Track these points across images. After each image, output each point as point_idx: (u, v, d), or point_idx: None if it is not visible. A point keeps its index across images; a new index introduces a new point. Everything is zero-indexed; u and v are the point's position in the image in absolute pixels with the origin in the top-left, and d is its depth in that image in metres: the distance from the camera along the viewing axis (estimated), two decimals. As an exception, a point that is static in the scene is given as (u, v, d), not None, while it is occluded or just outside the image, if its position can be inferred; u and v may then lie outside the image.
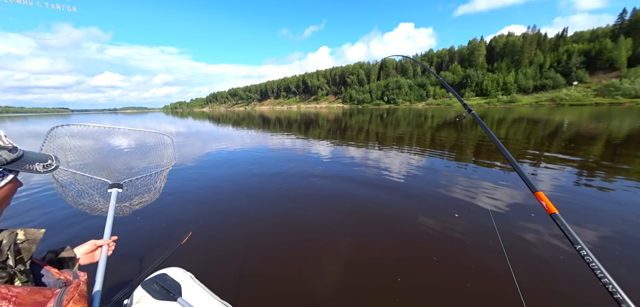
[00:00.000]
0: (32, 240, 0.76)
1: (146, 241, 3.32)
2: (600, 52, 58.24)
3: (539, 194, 1.13)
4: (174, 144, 2.45)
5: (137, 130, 2.30)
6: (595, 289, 2.20)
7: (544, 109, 40.07)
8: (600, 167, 6.16)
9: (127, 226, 3.71)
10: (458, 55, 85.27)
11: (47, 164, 0.80)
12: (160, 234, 3.49)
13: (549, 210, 1.04)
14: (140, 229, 3.68)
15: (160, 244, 3.18)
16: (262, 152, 9.05)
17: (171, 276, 1.59)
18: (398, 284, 2.38)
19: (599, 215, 3.64)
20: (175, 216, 4.05)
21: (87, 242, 1.10)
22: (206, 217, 3.89)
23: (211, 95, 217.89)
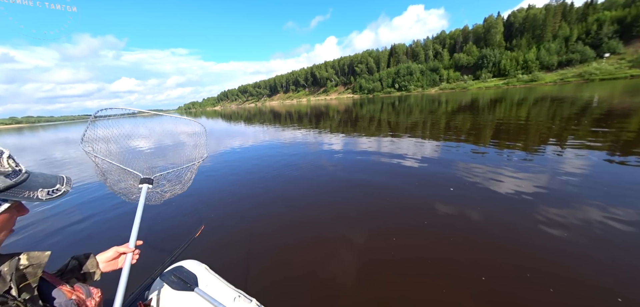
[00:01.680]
0: (37, 265, 0.72)
1: (161, 235, 3.50)
2: (638, 17, 52.61)
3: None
4: (206, 133, 2.42)
5: (172, 117, 2.44)
6: (629, 276, 2.06)
7: (570, 86, 37.41)
8: (635, 145, 5.70)
9: (143, 220, 3.92)
10: (473, 34, 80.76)
11: (53, 189, 0.73)
12: (174, 228, 3.66)
13: None
14: (155, 224, 3.89)
15: (175, 237, 3.32)
16: (274, 146, 9.15)
17: (187, 268, 1.71)
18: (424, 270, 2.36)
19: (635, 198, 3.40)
20: (187, 210, 4.21)
21: (110, 249, 1.08)
22: (217, 211, 4.04)
23: (222, 94, 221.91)
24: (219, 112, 71.58)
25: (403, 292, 2.18)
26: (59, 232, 3.92)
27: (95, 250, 1.10)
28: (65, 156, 12.09)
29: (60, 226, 4.13)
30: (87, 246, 3.50)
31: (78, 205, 4.97)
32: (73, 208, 4.83)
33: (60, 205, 5.04)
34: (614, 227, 2.79)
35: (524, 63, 63.99)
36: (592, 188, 3.74)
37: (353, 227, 3.24)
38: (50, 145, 16.50)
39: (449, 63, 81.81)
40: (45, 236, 3.83)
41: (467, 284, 2.19)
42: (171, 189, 2.02)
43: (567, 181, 4.06)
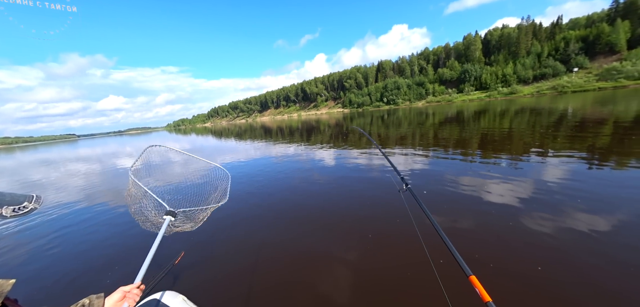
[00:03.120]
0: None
1: (137, 262, 3.27)
2: (598, 36, 57.75)
3: (472, 278, 1.08)
4: (230, 179, 2.60)
5: (199, 160, 2.65)
6: (619, 278, 2.12)
7: (546, 98, 39.70)
8: (610, 152, 6.04)
9: (116, 246, 3.72)
10: (454, 51, 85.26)
11: (19, 207, 0.74)
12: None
13: (484, 298, 1.01)
14: (130, 249, 3.69)
15: (151, 264, 3.12)
16: (263, 164, 9.06)
17: (163, 301, 1.61)
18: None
19: (611, 203, 3.55)
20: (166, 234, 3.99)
21: (117, 291, 1.05)
22: (199, 236, 3.74)
23: (212, 110, 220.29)
24: (209, 128, 70.74)
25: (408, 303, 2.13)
26: (35, 257, 3.65)
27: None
28: (43, 177, 11.46)
29: (32, 248, 3.84)
30: (57, 269, 3.25)
31: (52, 228, 4.67)
32: (45, 232, 4.52)
33: (35, 227, 4.73)
34: (591, 229, 2.89)
35: (503, 77, 67.73)
36: (572, 193, 3.89)
37: (346, 249, 3.18)
38: (28, 168, 15.64)
39: (433, 77, 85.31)
40: (23, 261, 3.55)
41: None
42: (182, 224, 2.11)
43: (550, 188, 4.21)
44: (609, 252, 2.53)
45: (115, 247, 3.80)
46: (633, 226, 2.92)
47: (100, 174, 10.76)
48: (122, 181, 8.63)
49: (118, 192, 7.04)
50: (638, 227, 2.90)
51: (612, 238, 2.75)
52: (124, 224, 4.64)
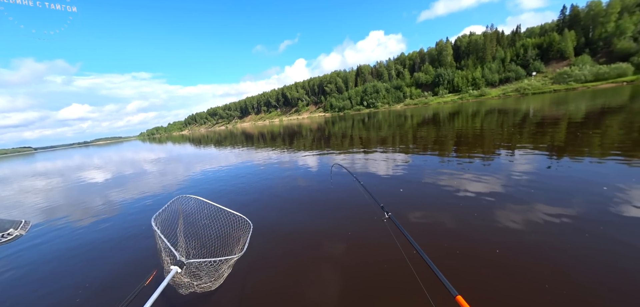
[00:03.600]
0: None
1: (103, 281, 3.07)
2: (551, 44, 64.26)
3: (459, 299, 1.09)
4: (251, 229, 2.58)
5: (223, 210, 2.62)
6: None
7: (511, 99, 43.07)
8: (565, 148, 6.68)
9: (82, 266, 3.46)
10: (428, 56, 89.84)
11: (4, 233, 0.71)
12: (120, 273, 3.22)
13: None
14: (96, 269, 3.43)
15: (120, 284, 2.93)
16: (246, 169, 8.86)
17: None
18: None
19: (566, 192, 3.93)
20: (137, 251, 3.76)
21: None
22: None
23: (190, 117, 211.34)
24: (186, 136, 67.74)
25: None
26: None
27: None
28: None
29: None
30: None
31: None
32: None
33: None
34: (553, 220, 3.19)
35: (473, 80, 72.52)
36: (533, 184, 4.26)
37: (331, 270, 3.20)
38: (-27, 185, 13.84)
39: (410, 81, 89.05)
40: None
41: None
42: (197, 280, 2.04)
43: (518, 180, 4.57)
44: (561, 236, 2.79)
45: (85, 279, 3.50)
46: (583, 212, 3.26)
47: (64, 189, 9.86)
48: (89, 197, 7.99)
49: (87, 210, 6.50)
50: (587, 212, 3.23)
51: (565, 223, 3.04)
52: (100, 248, 4.30)
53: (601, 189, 3.86)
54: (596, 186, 3.96)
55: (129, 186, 8.76)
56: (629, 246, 2.55)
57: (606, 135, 7.33)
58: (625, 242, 2.62)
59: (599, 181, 4.16)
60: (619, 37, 54.46)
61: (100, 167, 15.86)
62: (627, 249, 2.52)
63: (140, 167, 13.36)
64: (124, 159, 20.10)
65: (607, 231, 2.82)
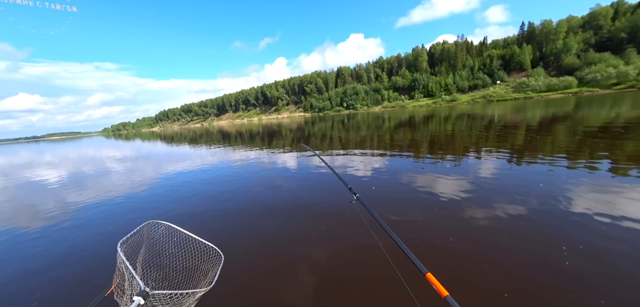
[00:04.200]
0: None
1: (60, 292, 2.81)
2: (512, 56, 70.76)
3: (428, 276, 1.08)
4: (222, 261, 2.45)
5: (194, 239, 2.52)
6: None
7: (479, 105, 46.48)
8: (523, 151, 7.37)
9: (35, 270, 3.13)
10: (405, 61, 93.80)
11: None
12: (78, 282, 2.96)
13: (441, 294, 1.03)
14: (53, 276, 3.13)
15: (77, 296, 2.70)
16: (222, 169, 8.55)
17: None
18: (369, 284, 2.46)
19: (523, 192, 4.34)
20: (98, 258, 3.48)
21: None
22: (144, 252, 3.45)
23: (161, 113, 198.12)
24: (157, 133, 63.53)
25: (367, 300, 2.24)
26: None
27: None
28: None
29: None
30: None
31: None
32: None
33: None
34: (509, 214, 3.52)
35: (446, 86, 77.12)
36: (499, 185, 4.65)
37: (306, 260, 3.21)
38: None
39: (388, 85, 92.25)
40: None
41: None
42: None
43: (484, 180, 4.95)
44: (511, 230, 3.09)
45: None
46: (536, 210, 3.62)
47: (6, 190, 8.72)
48: (39, 200, 7.18)
49: (36, 214, 5.82)
50: (540, 210, 3.60)
51: (519, 218, 3.36)
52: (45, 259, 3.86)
53: (538, 186, 4.33)
54: (535, 183, 4.43)
55: (88, 187, 8.00)
56: (559, 229, 2.89)
57: (555, 140, 8.22)
58: (557, 226, 2.96)
59: (538, 179, 4.66)
60: (566, 53, 61.45)
61: (53, 165, 14.26)
62: (556, 231, 2.85)
63: (102, 166, 12.27)
64: (82, 157, 18.29)
65: (537, 219, 3.17)
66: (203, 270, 2.50)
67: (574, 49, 60.46)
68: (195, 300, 2.10)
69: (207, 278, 2.41)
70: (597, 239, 2.83)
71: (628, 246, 2.67)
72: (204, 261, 2.51)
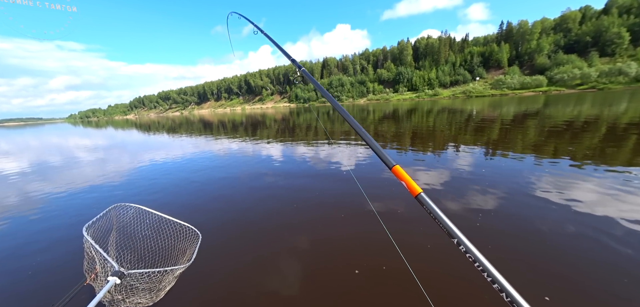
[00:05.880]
0: None
1: (36, 281, 2.69)
2: (491, 53, 73.92)
3: (396, 169, 0.91)
4: (200, 241, 2.41)
5: (167, 219, 2.43)
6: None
7: (459, 100, 48.35)
8: (498, 144, 7.79)
9: (10, 264, 2.88)
10: (390, 54, 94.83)
11: None
12: (55, 271, 2.84)
13: (413, 192, 0.86)
14: (26, 264, 2.95)
15: (54, 285, 2.58)
16: (205, 160, 8.25)
17: None
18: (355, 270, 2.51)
19: (497, 183, 4.61)
20: (76, 247, 3.27)
21: None
22: (126, 243, 3.32)
23: (137, 100, 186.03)
24: (132, 121, 59.84)
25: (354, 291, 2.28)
26: None
27: None
28: None
29: None
30: None
31: None
32: None
33: None
34: (489, 200, 3.72)
35: (429, 80, 79.24)
36: (476, 175, 4.89)
37: (298, 239, 3.20)
38: None
39: (373, 77, 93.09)
40: None
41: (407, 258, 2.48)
42: (136, 294, 1.86)
43: (461, 171, 5.18)
44: (488, 219, 3.28)
45: None
46: (508, 199, 3.86)
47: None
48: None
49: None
50: (511, 201, 3.84)
51: (494, 210, 3.57)
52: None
53: (519, 176, 4.62)
54: (515, 175, 4.72)
55: (53, 179, 7.40)
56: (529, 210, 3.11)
57: (525, 135, 8.77)
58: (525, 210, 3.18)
59: (515, 170, 4.97)
60: (539, 53, 65.27)
61: (11, 154, 12.98)
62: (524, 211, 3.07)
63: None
64: (46, 145, 16.81)
65: (509, 205, 3.40)
66: (180, 249, 2.47)
67: (545, 50, 64.34)
68: (174, 277, 2.09)
69: (185, 256, 2.39)
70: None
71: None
72: (180, 240, 2.48)
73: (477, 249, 0.75)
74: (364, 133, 1.14)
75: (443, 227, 0.80)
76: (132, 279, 1.79)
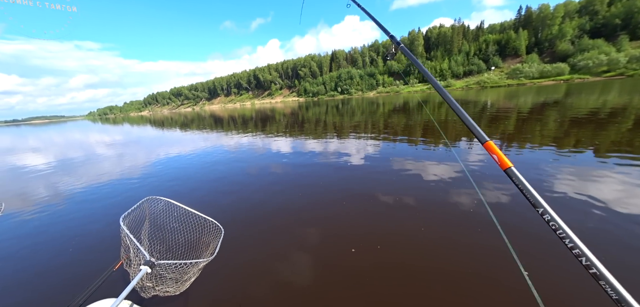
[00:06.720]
0: None
1: (69, 270, 2.89)
2: (508, 41, 70.24)
3: (489, 145, 0.95)
4: (223, 235, 2.55)
5: (193, 213, 2.61)
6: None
7: (472, 91, 46.68)
8: (513, 137, 7.50)
9: (44, 253, 3.10)
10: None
11: None
12: (85, 262, 3.05)
13: (503, 165, 0.90)
14: (58, 256, 3.18)
15: (85, 273, 2.77)
16: (218, 155, 8.44)
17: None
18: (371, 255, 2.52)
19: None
20: (102, 237, 3.57)
21: None
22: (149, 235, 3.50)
23: (150, 97, 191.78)
24: (147, 118, 61.84)
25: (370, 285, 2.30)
26: None
27: None
28: None
29: None
30: None
31: None
32: None
33: None
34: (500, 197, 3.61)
35: (441, 71, 76.71)
36: (482, 170, 4.75)
37: (309, 238, 3.24)
38: None
39: (383, 69, 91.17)
40: None
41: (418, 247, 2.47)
42: (163, 284, 2.02)
43: (473, 167, 5.04)
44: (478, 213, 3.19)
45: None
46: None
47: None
48: (31, 185, 6.97)
49: (28, 199, 5.66)
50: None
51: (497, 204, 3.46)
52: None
53: (535, 172, 4.44)
54: (531, 170, 4.55)
55: (81, 172, 7.81)
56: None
57: (545, 127, 8.38)
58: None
59: (531, 166, 4.78)
60: (561, 39, 61.50)
61: (40, 150, 13.78)
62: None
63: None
64: (70, 142, 17.70)
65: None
66: (204, 242, 2.63)
67: (568, 35, 60.49)
68: (198, 269, 2.24)
69: (208, 250, 2.54)
70: (580, 223, 2.94)
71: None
72: (204, 234, 2.64)
73: (560, 218, 0.78)
74: (459, 110, 1.15)
75: (529, 199, 0.84)
76: (161, 269, 1.93)
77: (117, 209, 4.56)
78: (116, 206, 4.74)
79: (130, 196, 5.24)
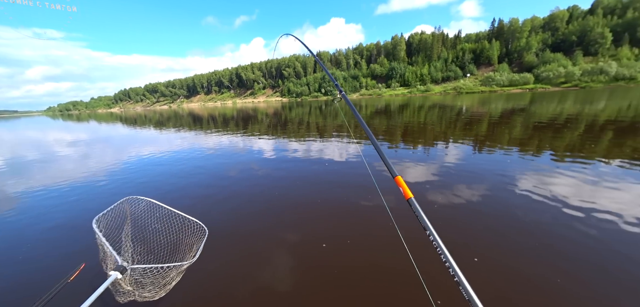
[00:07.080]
0: None
1: (20, 277, 2.62)
2: (482, 50, 75.02)
3: (398, 179, 1.17)
4: (206, 237, 2.37)
5: (176, 213, 2.49)
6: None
7: (449, 96, 49.08)
8: (485, 140, 7.94)
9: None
10: (384, 49, 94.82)
11: None
12: (42, 268, 2.77)
13: (406, 196, 1.11)
14: (12, 259, 2.86)
15: (40, 281, 2.52)
16: (192, 154, 8.04)
17: None
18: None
19: (481, 176, 4.69)
20: (61, 244, 3.27)
21: None
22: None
23: (122, 93, 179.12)
24: (117, 115, 57.89)
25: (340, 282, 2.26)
26: None
27: None
28: None
29: None
30: None
31: None
32: None
33: None
34: (471, 198, 3.78)
35: (421, 76, 79.84)
36: (463, 171, 4.96)
37: (283, 242, 3.15)
38: None
39: (366, 72, 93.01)
40: None
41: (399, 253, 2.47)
42: (139, 289, 1.82)
43: (448, 167, 5.24)
44: (471, 208, 3.33)
45: None
46: (492, 192, 3.93)
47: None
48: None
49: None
50: (495, 193, 3.92)
51: (477, 200, 3.63)
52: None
53: (500, 172, 4.72)
54: (497, 171, 4.82)
55: (35, 174, 7.06)
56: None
57: (512, 131, 8.98)
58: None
59: (498, 167, 5.07)
60: (527, 51, 66.76)
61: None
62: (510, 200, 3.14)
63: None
64: (23, 140, 16.03)
65: (498, 196, 3.47)
66: (188, 244, 2.50)
67: (534, 48, 65.83)
68: (179, 272, 2.07)
69: (192, 251, 2.41)
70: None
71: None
72: (188, 235, 2.52)
73: (443, 243, 1.03)
74: (374, 140, 1.43)
75: (421, 223, 1.10)
76: (136, 274, 1.74)
77: (85, 212, 4.16)
78: (85, 209, 4.32)
79: (98, 197, 4.80)
